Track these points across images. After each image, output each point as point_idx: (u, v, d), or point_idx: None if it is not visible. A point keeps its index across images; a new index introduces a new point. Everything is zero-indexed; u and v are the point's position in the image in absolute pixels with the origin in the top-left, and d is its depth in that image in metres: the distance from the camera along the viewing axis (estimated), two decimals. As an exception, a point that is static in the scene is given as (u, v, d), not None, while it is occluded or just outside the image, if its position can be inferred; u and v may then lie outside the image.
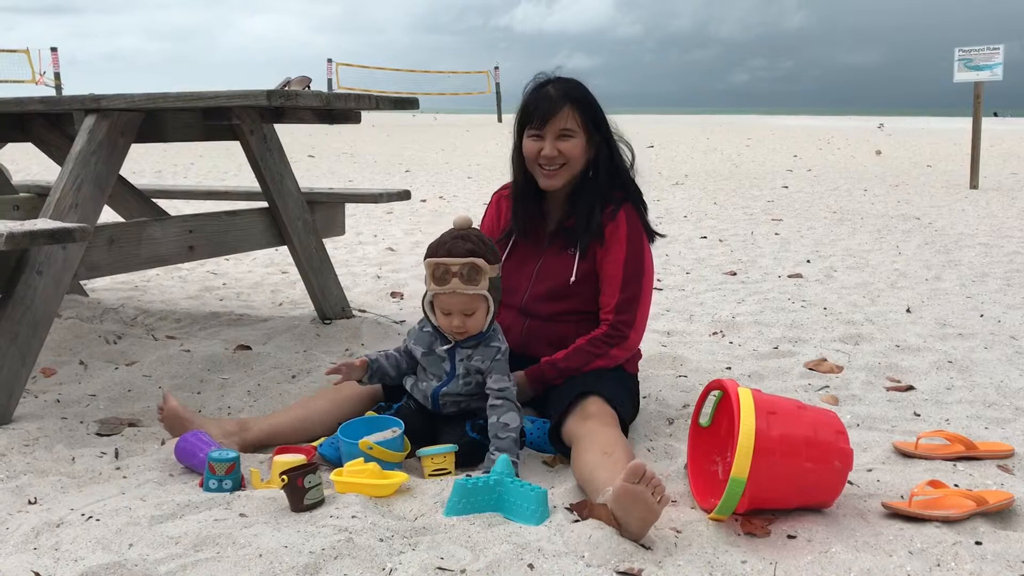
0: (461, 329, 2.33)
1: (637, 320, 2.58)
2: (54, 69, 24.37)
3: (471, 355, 2.37)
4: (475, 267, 2.27)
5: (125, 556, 1.81)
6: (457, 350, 2.38)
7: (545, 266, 2.66)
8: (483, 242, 2.33)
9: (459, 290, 2.28)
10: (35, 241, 2.40)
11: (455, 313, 2.31)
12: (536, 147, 2.55)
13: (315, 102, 2.94)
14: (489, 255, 2.32)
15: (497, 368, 2.35)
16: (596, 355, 2.54)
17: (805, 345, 3.60)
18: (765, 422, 1.99)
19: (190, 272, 5.31)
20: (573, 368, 2.53)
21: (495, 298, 2.35)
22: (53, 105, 3.28)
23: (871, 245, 6.24)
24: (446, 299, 2.31)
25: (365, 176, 11.58)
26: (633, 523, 1.87)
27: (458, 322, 2.32)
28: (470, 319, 2.32)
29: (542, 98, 2.54)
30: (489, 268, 2.30)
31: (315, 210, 3.81)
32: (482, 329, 2.36)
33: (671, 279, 5.05)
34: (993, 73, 9.98)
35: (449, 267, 2.28)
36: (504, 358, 2.37)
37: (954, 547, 1.90)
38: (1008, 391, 3.00)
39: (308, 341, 3.60)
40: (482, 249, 2.31)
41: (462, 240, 2.30)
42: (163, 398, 2.47)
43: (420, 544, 1.88)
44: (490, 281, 2.31)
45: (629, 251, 2.56)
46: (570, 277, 2.59)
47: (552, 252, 2.66)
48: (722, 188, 10.32)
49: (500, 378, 2.34)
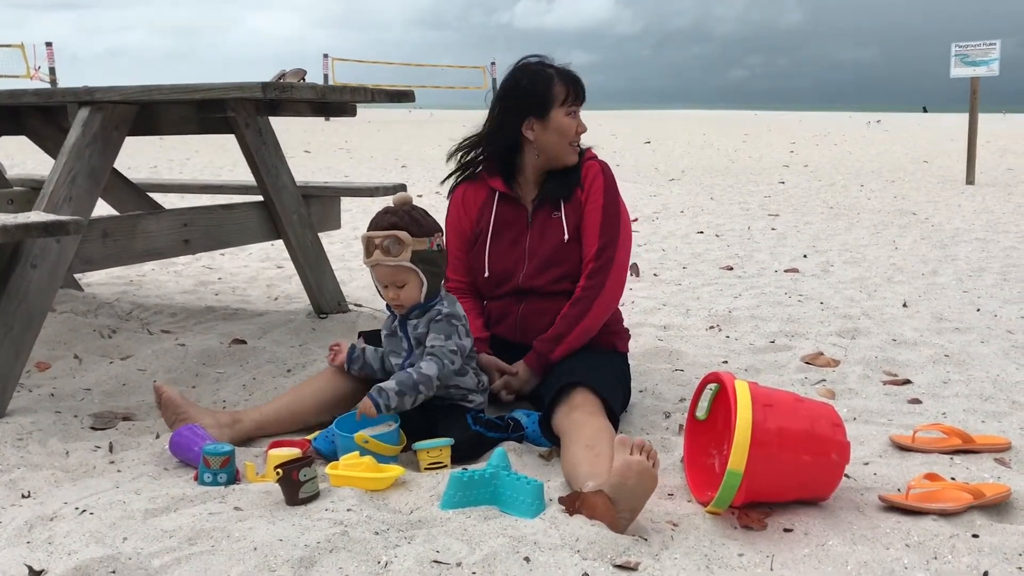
0: (397, 301, 2.42)
1: (614, 266, 2.63)
2: (49, 64, 24.30)
3: (416, 325, 2.43)
4: (396, 239, 2.35)
5: (119, 549, 1.81)
6: (407, 324, 2.44)
7: (535, 239, 2.70)
8: (410, 217, 2.39)
9: (381, 262, 2.36)
10: (29, 234, 2.39)
11: (389, 285, 2.40)
12: (572, 123, 2.66)
13: (310, 94, 2.93)
14: (413, 228, 2.37)
15: (435, 328, 2.40)
16: (580, 315, 2.58)
17: (802, 339, 3.59)
18: (762, 415, 1.98)
19: (185, 266, 5.29)
20: (562, 335, 2.57)
21: (427, 271, 2.39)
22: (47, 98, 3.26)
23: (868, 240, 6.24)
24: (376, 271, 2.41)
25: (361, 171, 11.57)
26: (632, 494, 1.88)
27: (392, 294, 2.41)
28: (403, 291, 2.40)
29: (574, 79, 2.67)
30: (412, 240, 2.35)
31: (311, 204, 3.80)
32: (419, 300, 2.42)
33: (668, 273, 5.05)
34: (990, 69, 9.98)
35: (372, 239, 2.38)
36: (445, 320, 2.41)
37: (951, 540, 1.90)
38: (1004, 385, 3.00)
39: (304, 335, 3.59)
40: (405, 222, 2.37)
41: (389, 215, 2.39)
42: (156, 390, 2.46)
43: (416, 537, 1.87)
44: (417, 253, 2.36)
45: (606, 201, 2.67)
46: (564, 236, 2.66)
47: (538, 224, 2.70)
48: (719, 183, 10.32)
49: (436, 336, 2.40)
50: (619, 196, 2.72)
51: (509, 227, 2.73)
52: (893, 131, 22.80)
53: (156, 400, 2.46)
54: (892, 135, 20.86)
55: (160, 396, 2.44)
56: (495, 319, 2.73)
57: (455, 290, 2.80)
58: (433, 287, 2.43)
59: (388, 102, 3.31)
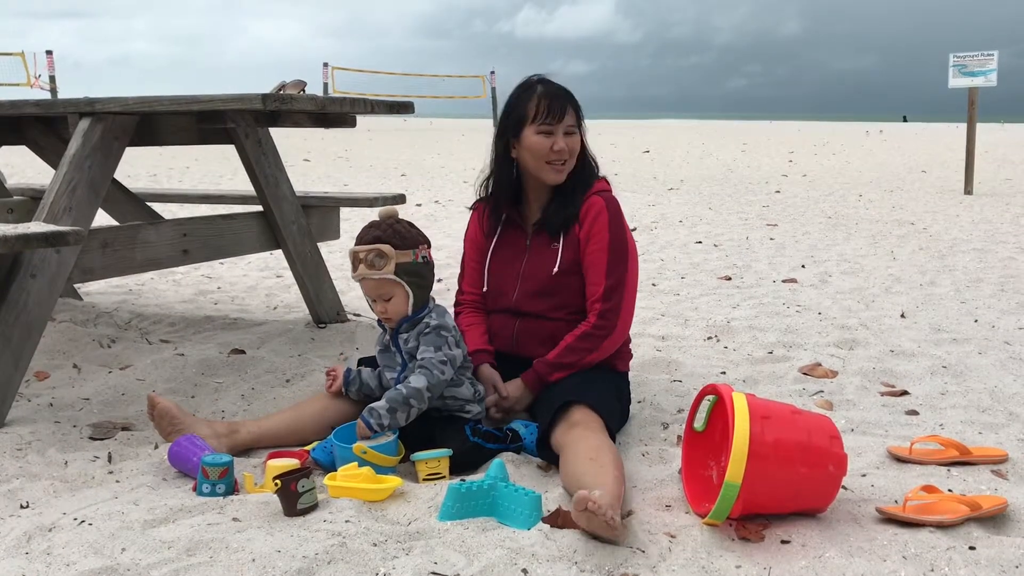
0: (385, 315, 2.44)
1: (623, 307, 2.61)
2: (49, 72, 24.32)
3: (407, 339, 2.44)
4: (379, 252, 2.36)
5: (117, 560, 1.81)
6: (399, 336, 2.46)
7: (530, 263, 2.69)
8: (393, 230, 2.40)
9: (366, 276, 2.38)
10: (29, 244, 2.40)
11: (376, 299, 2.42)
12: (548, 143, 2.59)
13: (310, 106, 2.94)
14: (396, 240, 2.38)
15: (424, 341, 2.41)
16: (588, 350, 2.56)
17: (800, 350, 3.60)
18: (759, 427, 1.99)
19: (184, 276, 5.30)
20: (567, 364, 2.55)
21: (413, 283, 2.40)
22: (48, 108, 3.27)
23: (866, 250, 6.25)
24: (363, 286, 2.42)
25: (360, 180, 11.58)
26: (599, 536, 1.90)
27: (380, 307, 2.43)
28: (390, 304, 2.42)
29: (551, 96, 2.60)
30: (395, 253, 2.36)
31: (310, 214, 3.80)
32: (407, 313, 2.43)
33: (666, 284, 5.06)
34: (987, 79, 10.01)
35: (356, 253, 2.39)
36: (434, 332, 2.41)
37: (948, 552, 1.90)
38: (1002, 396, 3.01)
39: (303, 345, 3.59)
40: (388, 236, 2.38)
41: (373, 228, 2.41)
42: (149, 401, 2.45)
43: (414, 549, 1.88)
44: (401, 266, 2.37)
45: (612, 239, 2.61)
46: (553, 268, 2.62)
47: (535, 249, 2.69)
48: (717, 193, 10.33)
49: (425, 349, 2.40)
50: (626, 231, 2.65)
51: (509, 247, 2.74)
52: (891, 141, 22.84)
53: (149, 412, 2.45)
54: (890, 145, 20.89)
55: (154, 408, 2.43)
56: (494, 332, 2.74)
57: (468, 303, 2.82)
58: (420, 299, 2.44)
59: (388, 113, 3.32)
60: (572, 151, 2.62)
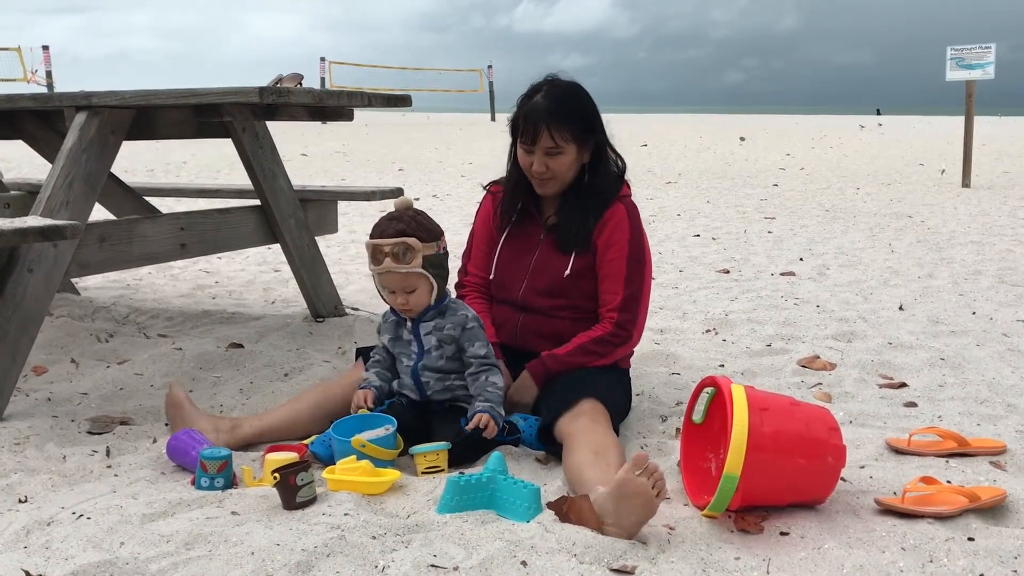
0: (406, 306, 2.42)
1: (639, 318, 2.61)
2: (45, 67, 24.26)
3: (437, 324, 2.44)
4: (407, 246, 2.34)
5: (116, 554, 1.81)
6: (420, 325, 2.45)
7: (540, 261, 2.66)
8: (416, 222, 2.39)
9: (392, 269, 2.36)
10: (26, 238, 2.39)
11: (397, 291, 2.40)
12: (527, 160, 2.58)
13: (307, 99, 2.94)
14: (422, 233, 2.37)
15: (472, 336, 2.43)
16: (600, 355, 2.56)
17: (798, 343, 3.60)
18: (758, 418, 1.99)
19: (182, 270, 5.29)
20: (577, 364, 2.54)
21: (437, 275, 2.40)
22: (44, 102, 3.27)
23: (864, 243, 6.25)
24: (385, 278, 2.39)
25: (358, 174, 11.57)
26: (628, 517, 1.87)
27: (402, 299, 2.41)
28: (412, 296, 2.40)
29: (529, 115, 2.53)
30: (422, 246, 2.35)
31: (308, 208, 3.80)
32: (429, 303, 2.43)
33: (664, 277, 5.06)
34: (985, 72, 10.00)
35: (381, 247, 2.36)
36: (478, 325, 2.44)
37: (947, 543, 1.90)
38: (1000, 388, 3.01)
39: (301, 339, 3.59)
40: (413, 228, 2.37)
41: (395, 221, 2.38)
42: (170, 386, 2.53)
43: (413, 542, 1.88)
44: (427, 259, 2.37)
45: (632, 248, 2.58)
46: (564, 271, 2.60)
47: (547, 247, 2.66)
48: (715, 186, 10.33)
49: (482, 344, 2.43)
50: (644, 239, 2.63)
51: (521, 240, 2.71)
52: (888, 134, 22.84)
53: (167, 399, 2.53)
54: (887, 138, 20.90)
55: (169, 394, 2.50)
56: (497, 323, 2.73)
57: (473, 285, 2.80)
58: (442, 290, 2.45)
59: (385, 106, 3.32)
60: (555, 172, 2.55)
